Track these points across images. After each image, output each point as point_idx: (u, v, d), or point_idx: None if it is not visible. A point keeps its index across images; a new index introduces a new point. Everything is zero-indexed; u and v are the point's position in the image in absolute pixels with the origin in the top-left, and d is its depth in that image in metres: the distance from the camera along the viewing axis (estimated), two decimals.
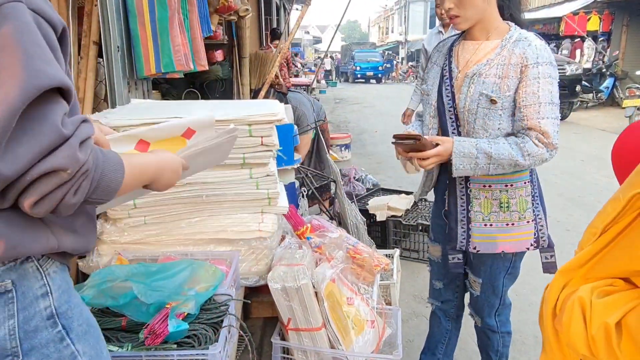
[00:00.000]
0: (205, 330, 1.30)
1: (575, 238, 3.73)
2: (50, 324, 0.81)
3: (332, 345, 1.77)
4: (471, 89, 1.51)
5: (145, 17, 2.11)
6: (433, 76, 1.66)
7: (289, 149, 2.36)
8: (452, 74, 1.59)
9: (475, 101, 1.51)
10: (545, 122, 1.46)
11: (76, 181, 0.71)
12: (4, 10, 0.67)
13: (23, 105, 0.65)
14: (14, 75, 0.65)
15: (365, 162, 6.63)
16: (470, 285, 1.80)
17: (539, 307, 2.88)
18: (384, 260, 2.30)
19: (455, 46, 1.62)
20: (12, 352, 0.76)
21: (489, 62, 1.50)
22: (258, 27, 8.61)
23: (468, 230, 1.62)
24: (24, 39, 0.67)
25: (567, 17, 13.21)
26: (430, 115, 1.66)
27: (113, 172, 0.78)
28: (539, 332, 2.51)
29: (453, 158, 1.49)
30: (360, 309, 1.89)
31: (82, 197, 0.73)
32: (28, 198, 0.68)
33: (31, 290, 0.79)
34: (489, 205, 1.59)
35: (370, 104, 14.34)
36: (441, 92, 1.61)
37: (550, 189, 5.04)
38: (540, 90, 1.45)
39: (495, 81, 1.49)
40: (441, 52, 1.67)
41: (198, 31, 2.32)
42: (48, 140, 0.67)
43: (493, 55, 1.50)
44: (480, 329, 1.89)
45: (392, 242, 3.44)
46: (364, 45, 34.00)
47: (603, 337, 0.72)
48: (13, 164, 0.65)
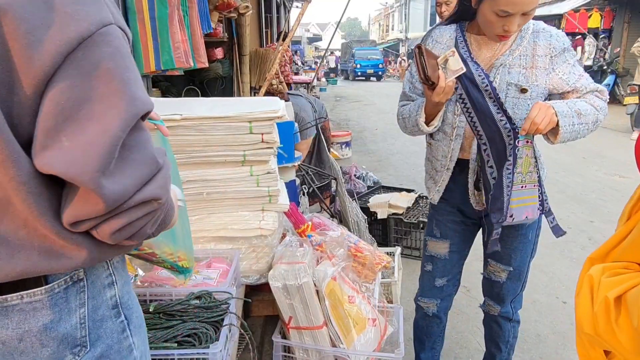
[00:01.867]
0: (206, 329, 1.29)
1: (576, 235, 3.74)
2: (115, 313, 0.80)
3: (333, 344, 1.76)
4: (497, 79, 1.51)
5: (144, 14, 2.10)
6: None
7: (290, 147, 2.35)
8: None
9: (504, 91, 1.51)
10: (595, 84, 1.56)
11: (160, 212, 0.72)
12: (97, 38, 0.66)
13: (124, 135, 0.65)
14: (114, 105, 0.65)
15: (366, 159, 6.62)
16: (491, 273, 1.79)
17: (540, 305, 2.91)
18: (385, 258, 2.29)
19: (466, 38, 1.57)
20: (80, 342, 0.76)
21: (511, 52, 1.52)
22: (258, 24, 8.59)
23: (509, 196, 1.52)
24: (119, 64, 0.67)
25: (568, 14, 13.17)
26: (455, 113, 1.59)
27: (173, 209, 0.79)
28: (540, 329, 2.52)
29: (560, 118, 1.43)
30: (362, 307, 1.88)
31: (155, 228, 0.74)
32: (113, 225, 0.67)
33: (99, 279, 0.78)
34: (527, 164, 1.53)
35: (370, 102, 14.32)
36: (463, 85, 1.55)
37: (551, 186, 5.03)
38: (577, 69, 1.55)
39: (520, 71, 1.51)
40: (445, 44, 1.60)
41: (198, 28, 2.30)
42: (148, 170, 0.68)
43: (514, 46, 1.52)
44: (493, 319, 1.88)
45: (393, 240, 3.43)
46: (364, 42, 33.95)
47: (603, 311, 0.70)
48: (117, 194, 0.64)
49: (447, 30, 1.62)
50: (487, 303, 1.89)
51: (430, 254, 1.84)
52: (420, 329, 1.99)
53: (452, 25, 1.63)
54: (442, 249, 1.80)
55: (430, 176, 1.77)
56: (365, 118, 10.89)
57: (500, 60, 1.52)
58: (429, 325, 1.96)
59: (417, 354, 2.05)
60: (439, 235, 1.80)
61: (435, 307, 1.89)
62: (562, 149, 6.31)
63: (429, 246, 1.85)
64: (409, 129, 1.68)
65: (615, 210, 4.33)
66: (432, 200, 1.75)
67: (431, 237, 1.83)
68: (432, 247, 1.83)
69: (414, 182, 5.22)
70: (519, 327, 1.92)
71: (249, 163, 1.77)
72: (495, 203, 1.54)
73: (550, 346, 2.40)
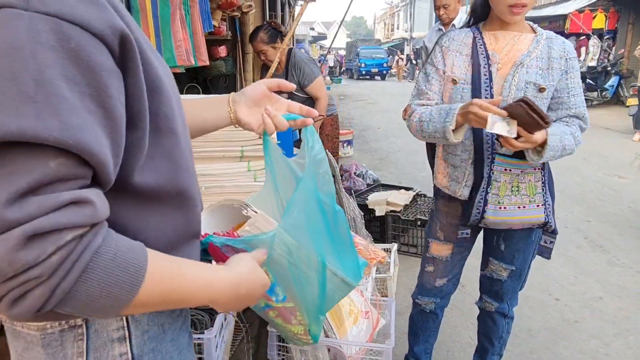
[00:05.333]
0: (202, 315, 1.34)
1: (574, 235, 3.79)
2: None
3: (326, 334, 1.81)
4: (516, 77, 1.55)
5: (147, 13, 2.15)
6: (464, 65, 1.60)
7: (288, 143, 2.40)
8: (491, 62, 1.57)
9: (522, 89, 1.55)
10: (585, 110, 1.63)
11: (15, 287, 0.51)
12: None
13: None
14: None
15: (368, 158, 6.67)
16: (492, 272, 1.82)
17: (533, 302, 2.95)
18: (381, 253, 2.34)
19: (484, 36, 1.61)
20: None
21: (529, 54, 1.56)
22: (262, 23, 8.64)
23: (483, 212, 1.62)
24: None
25: (573, 15, 13.14)
26: None
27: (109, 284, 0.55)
28: (532, 325, 2.57)
29: (546, 151, 1.46)
30: (355, 300, 1.93)
31: (33, 307, 0.53)
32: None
33: (106, 330, 0.66)
34: (504, 189, 1.62)
35: (374, 101, 14.36)
36: (478, 82, 1.57)
37: None
38: (579, 81, 1.62)
39: (538, 72, 1.56)
40: (462, 42, 1.62)
41: (199, 27, 2.36)
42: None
43: (532, 48, 1.57)
44: (489, 315, 1.92)
45: (391, 236, 3.48)
46: (369, 42, 33.95)
47: None
48: None
49: (463, 31, 1.66)
50: (484, 300, 1.92)
51: (432, 256, 1.84)
52: (416, 324, 2.03)
53: (467, 28, 1.67)
54: (444, 251, 1.81)
55: (448, 174, 1.72)
56: (369, 116, 10.94)
57: (520, 59, 1.56)
58: (425, 320, 2.00)
59: (410, 347, 2.10)
60: (443, 239, 1.79)
61: (434, 305, 1.93)
62: None
63: (431, 248, 1.84)
64: (428, 133, 1.58)
65: (613, 211, 4.36)
66: (461, 196, 1.68)
67: (434, 239, 1.82)
68: (434, 249, 1.83)
69: (414, 180, 5.26)
70: (512, 323, 1.96)
71: (247, 158, 1.83)
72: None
73: (540, 341, 2.45)
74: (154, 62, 0.64)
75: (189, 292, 0.65)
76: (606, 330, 2.52)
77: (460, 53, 1.62)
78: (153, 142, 0.65)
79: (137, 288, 0.57)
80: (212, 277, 0.69)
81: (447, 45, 1.64)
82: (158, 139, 0.66)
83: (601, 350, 2.37)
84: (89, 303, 0.55)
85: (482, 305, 1.94)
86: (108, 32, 0.54)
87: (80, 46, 0.52)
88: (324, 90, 3.26)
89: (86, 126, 0.52)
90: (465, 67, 1.60)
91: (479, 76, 1.57)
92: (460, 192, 1.68)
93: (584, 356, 2.32)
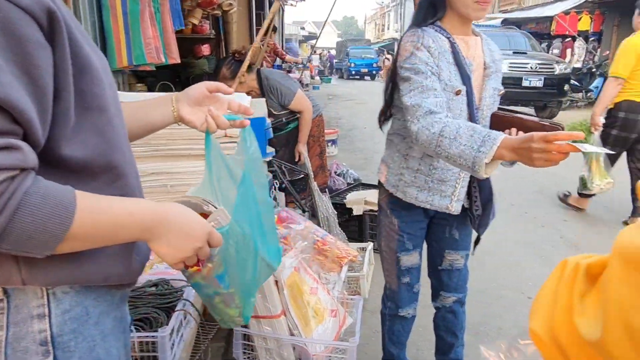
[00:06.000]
0: (158, 314, 1.34)
1: (552, 235, 3.82)
2: (42, 351, 0.69)
3: (291, 333, 1.81)
4: (487, 85, 1.55)
5: (117, 10, 2.14)
6: (456, 74, 1.48)
7: (261, 142, 2.40)
8: (469, 71, 1.50)
9: (492, 96, 1.56)
10: None
11: None
12: None
13: None
14: None
15: (352, 157, 6.68)
16: (453, 263, 1.82)
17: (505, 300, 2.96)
18: (352, 252, 2.35)
19: (453, 41, 1.50)
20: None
21: (486, 57, 1.57)
22: (248, 22, 8.62)
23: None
24: None
25: (559, 17, 13.28)
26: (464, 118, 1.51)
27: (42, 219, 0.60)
28: (503, 324, 2.59)
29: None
30: (322, 298, 1.94)
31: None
32: None
33: (26, 306, 0.68)
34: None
35: (362, 101, 14.38)
36: (470, 91, 1.50)
37: (528, 185, 5.11)
38: None
39: (494, 76, 1.57)
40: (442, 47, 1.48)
41: (169, 24, 2.35)
42: None
43: (486, 52, 1.58)
44: (449, 309, 1.92)
45: (368, 235, 3.49)
46: (359, 41, 34.04)
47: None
48: None
49: (434, 33, 1.50)
50: (442, 297, 1.91)
51: (406, 268, 1.81)
52: (400, 333, 2.00)
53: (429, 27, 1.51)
54: (415, 259, 1.81)
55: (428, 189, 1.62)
56: (356, 116, 10.96)
57: (486, 66, 1.56)
58: (407, 326, 1.99)
59: (396, 356, 2.06)
60: (412, 248, 1.77)
61: (414, 310, 1.94)
62: None
63: (402, 261, 1.79)
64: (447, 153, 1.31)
65: (588, 210, 4.41)
66: (455, 211, 1.62)
67: (404, 252, 1.78)
68: (406, 261, 1.80)
69: None
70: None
71: None
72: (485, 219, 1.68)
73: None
74: (84, 45, 0.70)
75: (118, 221, 0.69)
76: None
77: (448, 60, 1.48)
78: (81, 117, 0.69)
79: (69, 221, 0.62)
80: (139, 204, 0.74)
81: (435, 48, 1.46)
82: (87, 114, 0.70)
83: None
84: (25, 238, 0.60)
85: (440, 303, 1.93)
86: (36, 8, 0.59)
87: (7, 18, 0.57)
88: (305, 102, 3.16)
89: (13, 85, 0.58)
90: (456, 76, 1.49)
91: (470, 88, 1.51)
92: (453, 207, 1.62)
93: None
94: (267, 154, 2.57)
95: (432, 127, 1.35)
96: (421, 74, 1.43)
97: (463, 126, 1.30)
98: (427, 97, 1.40)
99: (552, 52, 13.33)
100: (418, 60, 1.44)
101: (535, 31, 14.54)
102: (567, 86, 10.01)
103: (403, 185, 1.66)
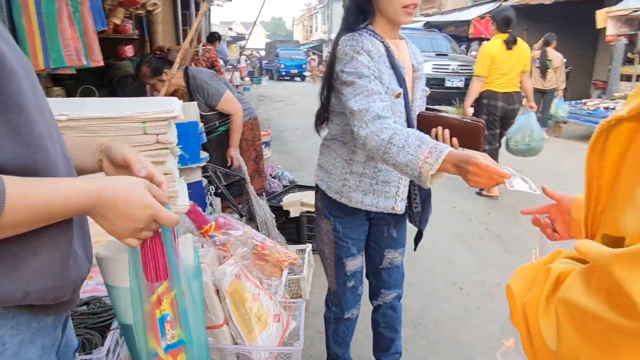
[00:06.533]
0: (91, 334, 1.26)
1: (476, 227, 4.05)
2: None
3: (235, 342, 1.77)
4: (417, 86, 1.60)
5: (30, 9, 1.98)
6: (393, 78, 1.52)
7: (193, 147, 2.33)
8: (403, 74, 1.54)
9: (421, 97, 1.62)
10: None
11: None
12: None
13: None
14: None
15: (286, 159, 6.67)
16: (392, 261, 1.88)
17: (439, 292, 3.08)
18: (292, 255, 2.34)
19: (387, 45, 1.53)
20: None
21: (412, 60, 1.63)
22: (174, 22, 8.34)
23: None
24: None
25: (475, 21, 14.09)
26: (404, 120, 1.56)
27: None
28: (439, 316, 2.71)
29: None
30: (265, 304, 1.91)
31: None
32: None
33: None
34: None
35: (293, 102, 14.42)
36: (407, 96, 1.54)
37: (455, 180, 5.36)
38: None
39: (423, 77, 1.65)
40: (378, 50, 1.50)
41: (90, 25, 2.21)
42: None
43: (412, 55, 1.64)
44: (388, 305, 1.96)
45: (306, 237, 3.50)
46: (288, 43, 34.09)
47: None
48: None
49: (369, 38, 1.51)
50: (383, 294, 1.95)
51: (351, 272, 1.83)
52: (344, 334, 2.01)
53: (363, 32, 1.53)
54: (360, 262, 1.84)
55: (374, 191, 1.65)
56: (287, 118, 10.96)
57: (415, 69, 1.62)
58: (352, 326, 2.01)
59: (341, 356, 2.06)
60: (356, 252, 1.80)
61: (358, 310, 1.96)
62: None
63: (348, 266, 1.81)
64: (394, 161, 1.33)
65: (510, 203, 4.73)
66: (399, 210, 1.67)
67: (350, 258, 1.79)
68: (352, 266, 1.81)
69: None
70: None
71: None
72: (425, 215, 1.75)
73: (446, 331, 2.58)
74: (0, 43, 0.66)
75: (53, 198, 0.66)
76: (503, 315, 2.71)
77: (385, 64, 1.51)
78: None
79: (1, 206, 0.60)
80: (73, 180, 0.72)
81: (375, 52, 1.48)
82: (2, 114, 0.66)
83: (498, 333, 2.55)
84: None
85: (381, 301, 1.97)
86: None
87: None
88: (234, 105, 3.05)
89: None
90: (394, 79, 1.52)
91: (406, 90, 1.55)
92: (398, 207, 1.67)
93: (483, 340, 2.49)
94: (201, 159, 2.51)
95: (381, 134, 1.35)
96: (365, 77, 1.43)
97: (412, 135, 1.32)
98: (373, 102, 1.41)
99: (471, 54, 14.12)
100: (360, 64, 1.44)
101: (454, 34, 15.35)
102: None
103: (347, 190, 1.66)
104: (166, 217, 0.77)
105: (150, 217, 0.75)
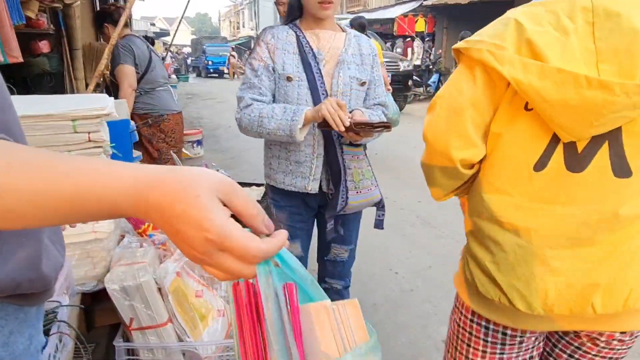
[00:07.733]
0: None
1: (407, 215, 4.25)
2: None
3: (180, 339, 1.77)
4: (341, 73, 1.70)
5: None
6: (294, 63, 1.68)
7: (126, 146, 2.26)
8: (318, 60, 1.69)
9: (348, 84, 1.71)
10: (386, 99, 1.87)
11: None
12: None
13: None
14: None
15: (219, 157, 6.58)
16: (336, 256, 1.96)
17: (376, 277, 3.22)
18: None
19: (305, 35, 1.72)
20: None
21: (346, 50, 1.73)
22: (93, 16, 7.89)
23: (347, 199, 1.74)
24: None
25: (399, 19, 14.64)
26: (307, 101, 1.69)
27: None
28: (377, 299, 2.84)
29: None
30: (209, 299, 1.92)
31: None
32: None
33: None
34: (356, 175, 1.77)
35: (224, 99, 14.17)
36: (312, 77, 1.68)
37: (387, 173, 5.59)
38: (381, 74, 1.84)
39: (356, 67, 1.74)
40: (287, 40, 1.70)
41: (7, 18, 2.07)
42: None
43: (346, 45, 1.74)
44: (335, 291, 2.04)
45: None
46: (215, 39, 33.32)
47: None
48: None
49: (284, 29, 1.74)
50: (328, 282, 2.04)
51: None
52: None
53: (286, 26, 1.76)
54: (296, 250, 1.89)
55: (290, 172, 1.76)
56: (219, 115, 10.77)
57: (342, 57, 1.72)
58: None
59: None
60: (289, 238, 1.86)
61: None
62: (395, 140, 7.06)
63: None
64: (268, 130, 1.63)
65: None
66: (312, 190, 1.74)
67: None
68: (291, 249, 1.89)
69: None
70: None
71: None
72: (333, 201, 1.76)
73: (383, 313, 2.72)
74: None
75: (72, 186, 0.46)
76: (435, 294, 2.91)
77: (288, 51, 1.69)
78: None
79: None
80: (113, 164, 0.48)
81: (274, 42, 1.70)
82: None
83: (431, 311, 2.73)
84: None
85: (327, 286, 2.07)
86: None
87: None
88: (125, 81, 3.15)
89: None
90: (296, 64, 1.69)
91: (312, 74, 1.69)
92: (310, 186, 1.75)
93: (418, 319, 2.64)
94: (134, 158, 2.44)
95: (252, 113, 1.66)
96: (253, 71, 1.70)
97: (276, 107, 1.64)
98: (252, 94, 1.69)
99: (396, 51, 14.66)
100: (256, 54, 1.70)
101: (380, 32, 15.83)
102: (411, 82, 11.11)
103: (273, 173, 1.82)
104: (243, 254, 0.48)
105: (209, 244, 0.47)
